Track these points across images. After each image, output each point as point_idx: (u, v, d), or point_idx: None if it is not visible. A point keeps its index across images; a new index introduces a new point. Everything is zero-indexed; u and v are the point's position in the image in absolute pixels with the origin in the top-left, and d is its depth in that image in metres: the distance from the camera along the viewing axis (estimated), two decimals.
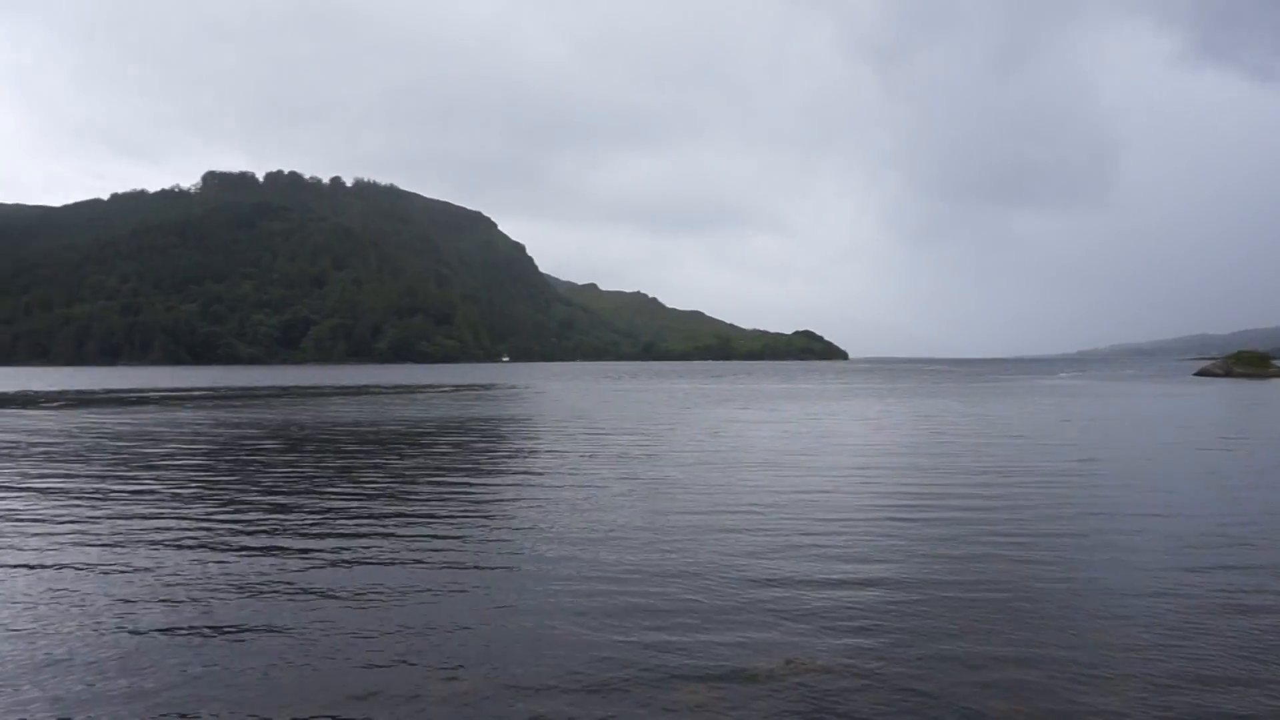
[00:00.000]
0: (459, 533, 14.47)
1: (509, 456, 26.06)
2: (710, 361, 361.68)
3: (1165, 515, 15.93)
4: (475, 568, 12.16)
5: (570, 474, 21.52)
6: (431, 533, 14.47)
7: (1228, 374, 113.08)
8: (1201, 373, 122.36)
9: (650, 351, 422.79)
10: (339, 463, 24.01)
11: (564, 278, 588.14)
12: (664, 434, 32.96)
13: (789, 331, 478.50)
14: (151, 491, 19.03)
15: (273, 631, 9.35)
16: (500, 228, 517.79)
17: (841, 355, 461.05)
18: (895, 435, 33.03)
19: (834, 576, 11.56)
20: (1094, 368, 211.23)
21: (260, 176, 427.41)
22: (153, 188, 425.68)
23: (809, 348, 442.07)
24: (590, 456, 25.29)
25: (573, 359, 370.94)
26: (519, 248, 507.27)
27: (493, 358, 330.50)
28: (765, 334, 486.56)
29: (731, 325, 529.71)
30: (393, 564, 12.33)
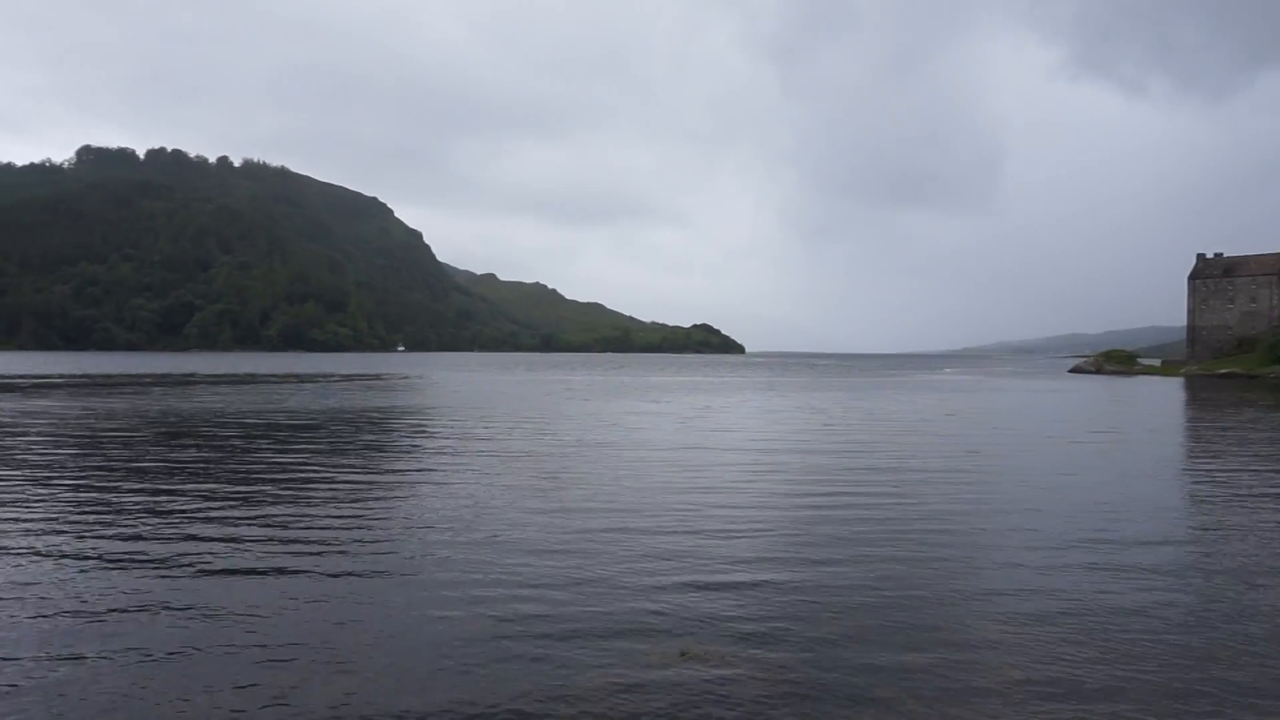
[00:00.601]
0: (344, 529, 13.94)
1: (400, 450, 25.37)
2: (610, 354, 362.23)
3: (1042, 509, 16.55)
4: (362, 565, 11.73)
5: (464, 469, 21.06)
6: (315, 530, 13.91)
7: (1099, 371, 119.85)
8: (1075, 370, 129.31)
9: (549, 343, 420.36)
10: (218, 456, 22.94)
11: (462, 267, 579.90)
12: (561, 427, 32.70)
13: (688, 325, 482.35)
14: (3, 490, 17.81)
15: (135, 649, 8.77)
16: (397, 214, 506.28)
17: (739, 349, 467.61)
18: (789, 428, 33.56)
19: (728, 569, 11.58)
20: (977, 364, 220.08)
21: (141, 153, 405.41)
22: (20, 161, 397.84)
23: (707, 341, 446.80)
24: (485, 450, 24.86)
25: (470, 350, 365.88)
26: (416, 235, 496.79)
27: (387, 347, 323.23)
28: (664, 327, 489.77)
29: (631, 318, 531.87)
30: (271, 565, 11.78)
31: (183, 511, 15.26)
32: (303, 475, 19.51)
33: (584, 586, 10.70)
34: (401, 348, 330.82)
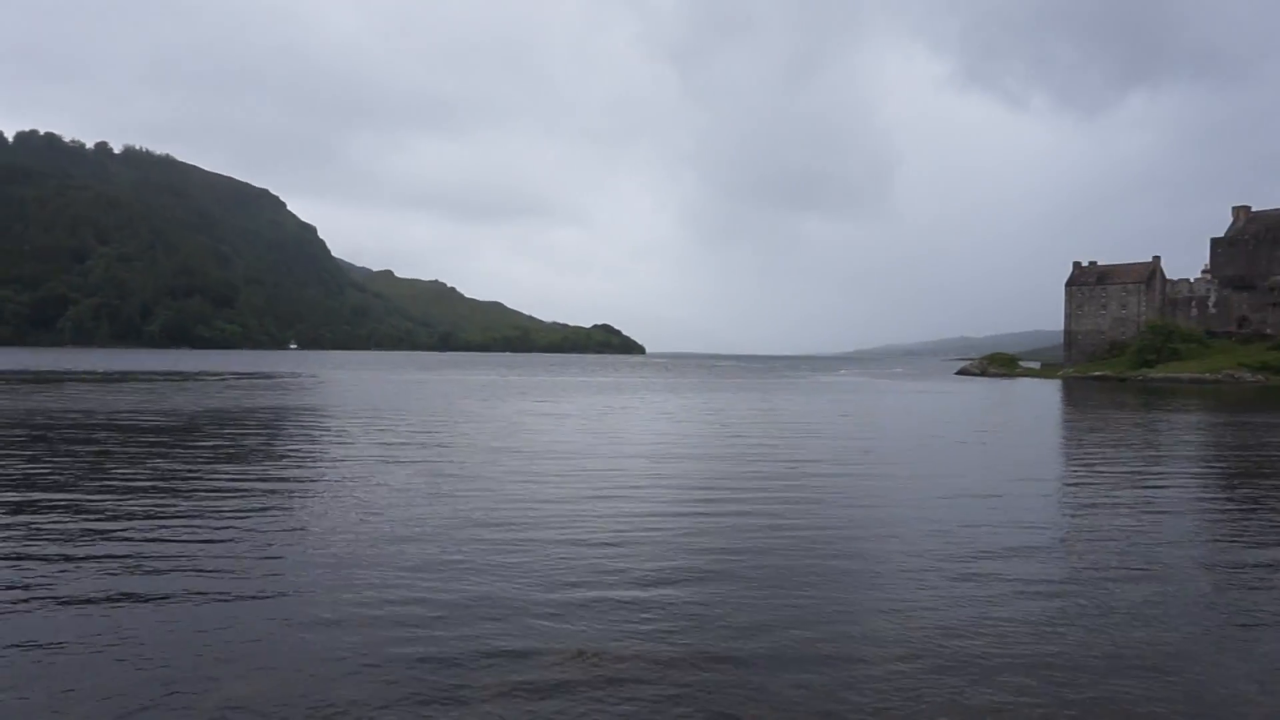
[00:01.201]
0: (221, 541, 13.30)
1: (287, 454, 24.42)
2: (509, 353, 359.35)
3: (930, 511, 17.04)
4: (239, 582, 11.20)
5: (354, 473, 20.41)
6: (190, 544, 13.23)
7: (984, 373, 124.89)
8: (962, 372, 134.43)
9: (448, 342, 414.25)
10: (90, 459, 21.70)
11: (359, 263, 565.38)
12: (457, 429, 32.15)
13: (588, 325, 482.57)
14: None
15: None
16: (290, 207, 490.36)
17: (639, 349, 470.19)
18: (689, 430, 33.79)
19: (625, 574, 11.51)
20: (870, 365, 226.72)
21: (9, 135, 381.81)
22: None
23: (608, 341, 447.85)
24: (376, 454, 24.21)
25: (366, 348, 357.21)
26: (310, 229, 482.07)
27: (279, 345, 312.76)
28: (565, 327, 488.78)
29: (531, 317, 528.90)
30: (138, 585, 11.15)
31: (38, 525, 14.33)
32: (179, 483, 18.59)
33: (478, 593, 10.47)
34: (294, 345, 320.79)
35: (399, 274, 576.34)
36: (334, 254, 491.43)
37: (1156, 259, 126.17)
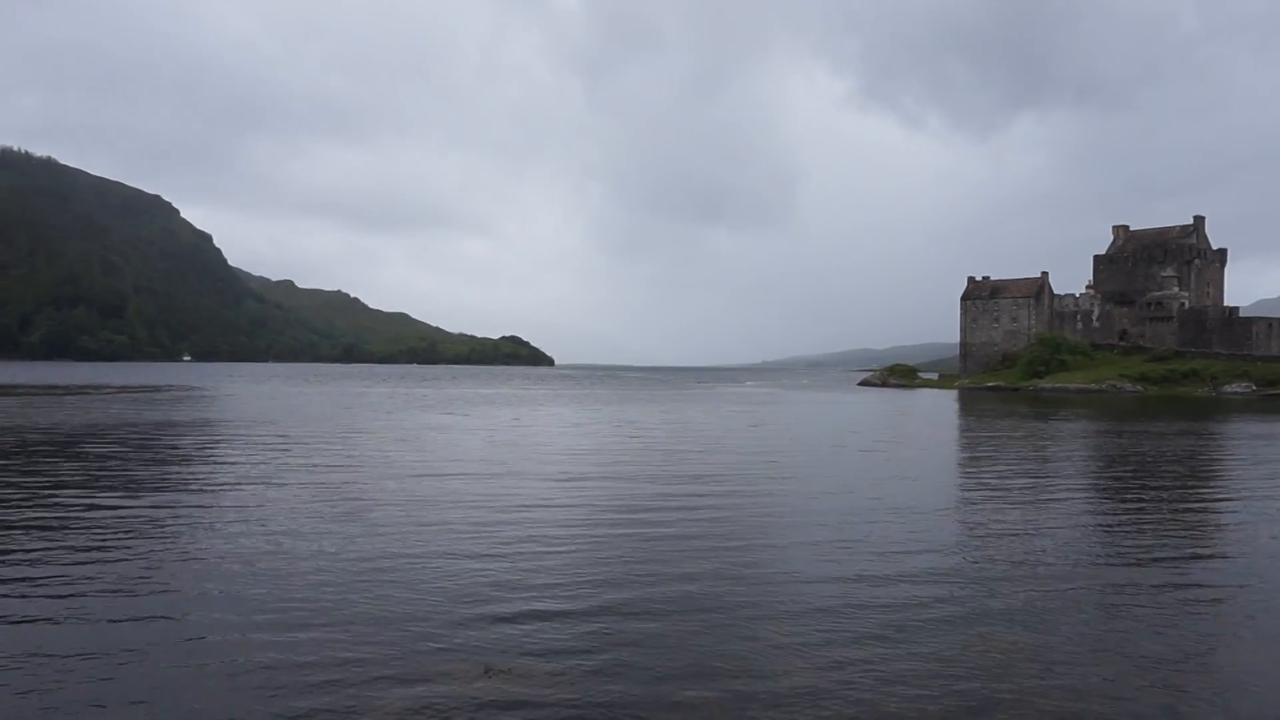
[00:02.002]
0: (105, 565, 12.72)
1: (175, 472, 23.40)
2: (415, 365, 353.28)
3: (835, 519, 17.43)
4: (125, 608, 10.73)
5: (249, 491, 19.68)
6: (69, 569, 12.61)
7: (885, 384, 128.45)
8: (863, 383, 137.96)
9: (351, 353, 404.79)
10: None
11: (256, 272, 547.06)
12: (360, 443, 31.44)
13: (496, 336, 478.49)
14: None
15: None
16: (183, 215, 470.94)
17: (548, 361, 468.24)
18: (598, 441, 33.79)
19: (533, 590, 11.44)
20: (775, 377, 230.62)
21: None
22: None
23: (515, 353, 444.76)
24: (273, 471, 23.49)
25: (265, 360, 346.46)
26: (205, 237, 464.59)
27: (171, 357, 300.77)
28: (472, 338, 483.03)
29: (438, 328, 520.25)
30: (15, 613, 10.59)
31: None
32: (55, 504, 17.69)
33: (383, 612, 10.27)
34: (187, 357, 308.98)
35: (300, 284, 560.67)
36: (231, 263, 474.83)
37: (1045, 274, 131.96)
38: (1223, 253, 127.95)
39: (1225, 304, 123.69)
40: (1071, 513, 18.15)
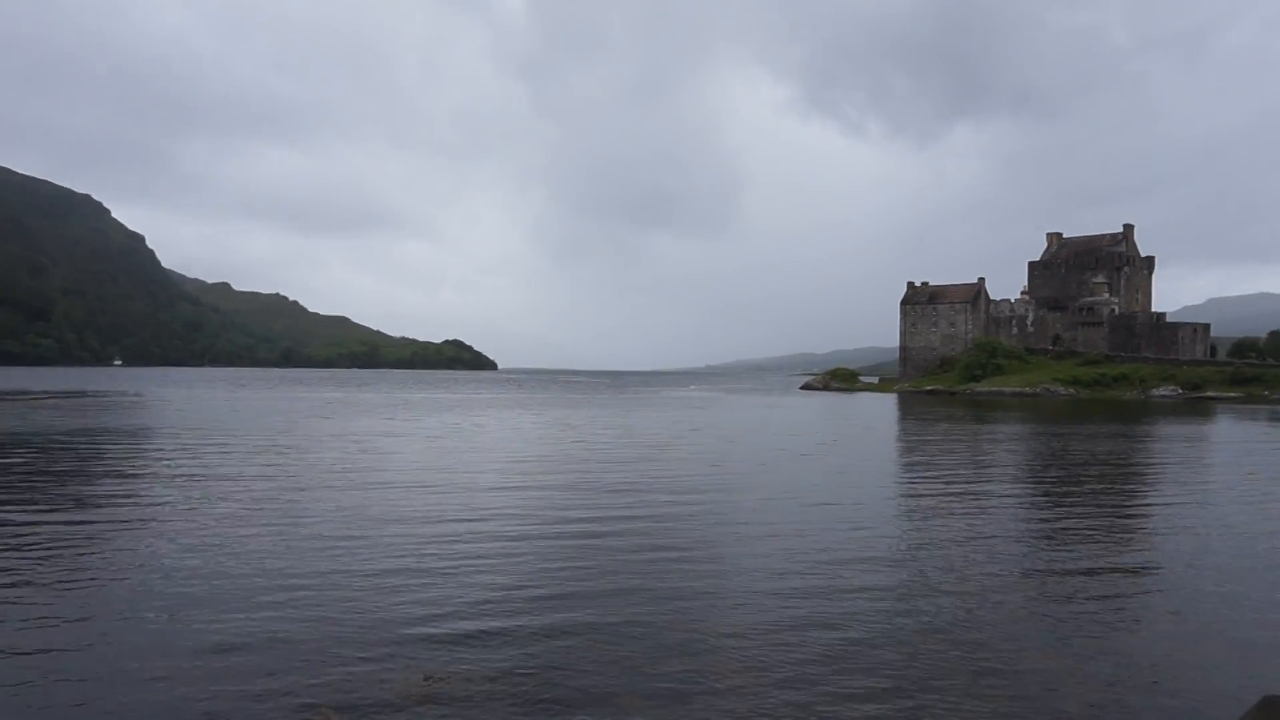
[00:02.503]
0: (26, 583, 12.32)
1: (104, 481, 22.73)
2: (357, 369, 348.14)
3: (776, 524, 17.62)
4: (48, 630, 10.40)
5: (182, 501, 19.22)
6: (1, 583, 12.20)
7: (826, 387, 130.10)
8: (805, 386, 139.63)
9: (291, 358, 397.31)
10: None
11: (191, 274, 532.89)
12: (298, 450, 30.86)
13: (439, 340, 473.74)
14: None
15: None
16: (114, 215, 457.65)
17: (491, 365, 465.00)
18: (541, 447, 33.65)
19: (474, 598, 11.35)
20: (718, 381, 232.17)
21: None
22: None
23: (459, 357, 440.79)
24: (206, 478, 22.96)
25: (200, 364, 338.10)
26: (137, 239, 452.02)
27: (102, 361, 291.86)
28: (414, 342, 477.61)
29: (379, 332, 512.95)
30: None
31: None
32: None
33: (320, 624, 10.11)
34: (119, 361, 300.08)
35: (237, 286, 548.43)
36: (164, 265, 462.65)
37: (981, 280, 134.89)
38: (1150, 260, 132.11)
39: (1153, 310, 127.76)
40: (1007, 514, 18.57)
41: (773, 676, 8.52)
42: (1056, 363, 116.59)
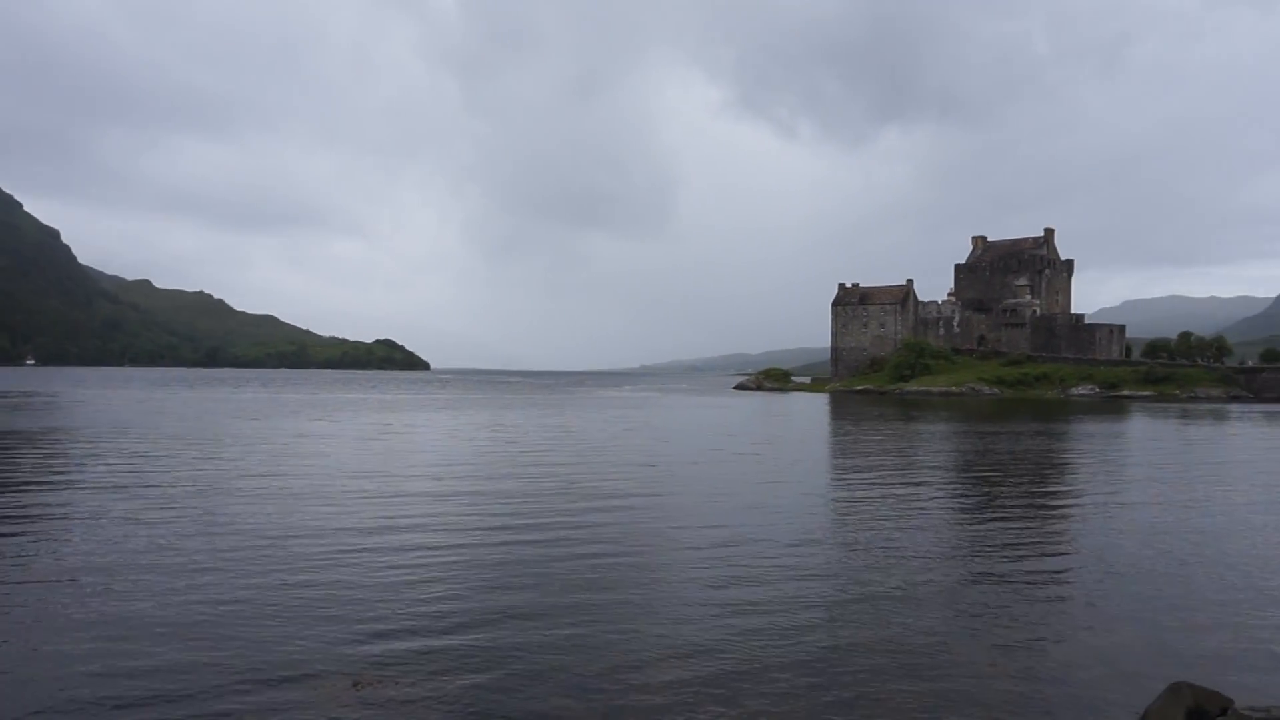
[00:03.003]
0: None
1: (9, 488, 21.99)
2: (284, 369, 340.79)
3: (710, 525, 17.80)
4: None
5: (97, 506, 18.60)
6: None
7: (759, 388, 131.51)
8: (739, 387, 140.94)
9: (215, 357, 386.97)
10: None
11: (110, 271, 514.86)
12: (221, 452, 30.12)
13: (369, 340, 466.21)
14: None
15: None
16: (26, 208, 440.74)
17: (424, 365, 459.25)
18: (475, 448, 33.40)
19: (404, 603, 11.25)
20: (653, 381, 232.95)
21: None
22: None
23: (390, 357, 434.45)
24: (129, 484, 22.28)
25: (120, 364, 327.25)
26: (51, 234, 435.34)
27: (13, 361, 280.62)
28: (344, 342, 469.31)
29: (308, 331, 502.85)
30: None
31: None
32: None
33: (247, 630, 9.92)
34: (31, 361, 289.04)
35: (158, 284, 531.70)
36: (80, 261, 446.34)
37: (910, 282, 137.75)
38: (1070, 263, 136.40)
39: (1072, 311, 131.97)
40: (934, 513, 19.04)
41: (705, 685, 8.60)
42: (982, 363, 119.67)
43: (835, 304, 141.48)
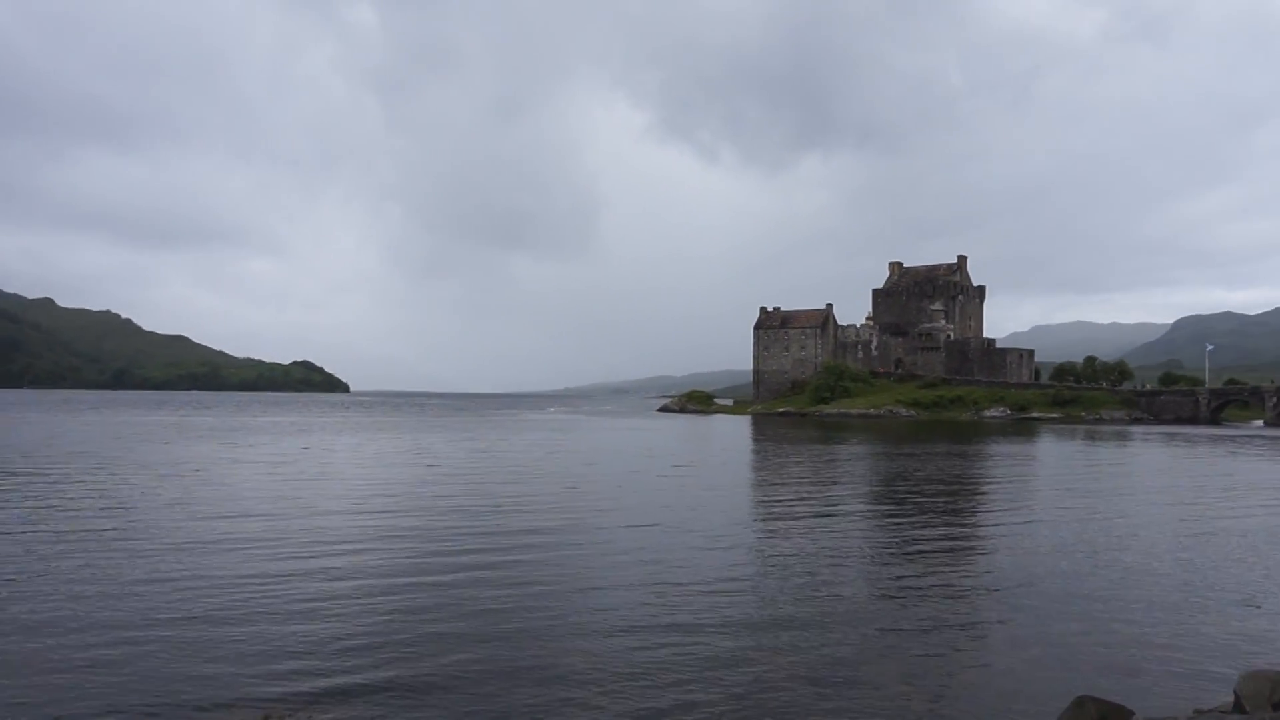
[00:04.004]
0: None
1: None
2: (197, 391, 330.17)
3: (634, 546, 17.79)
4: None
5: None
6: None
7: (682, 410, 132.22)
8: (663, 409, 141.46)
9: (123, 379, 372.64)
10: None
11: (8, 289, 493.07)
12: (126, 480, 28.94)
13: (287, 361, 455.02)
14: None
15: None
16: None
17: (343, 387, 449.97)
18: (395, 473, 32.79)
19: (319, 637, 10.97)
20: (578, 403, 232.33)
21: None
22: None
23: (308, 379, 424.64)
24: (27, 513, 21.27)
25: (19, 386, 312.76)
26: None
27: None
28: (260, 363, 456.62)
29: (222, 353, 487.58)
30: None
31: None
32: None
33: (153, 667, 9.55)
34: None
35: (61, 303, 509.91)
36: None
37: (830, 306, 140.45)
38: (982, 289, 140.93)
39: (984, 335, 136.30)
40: (852, 533, 19.36)
41: (626, 715, 8.57)
42: (899, 385, 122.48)
43: (757, 327, 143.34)
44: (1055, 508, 23.62)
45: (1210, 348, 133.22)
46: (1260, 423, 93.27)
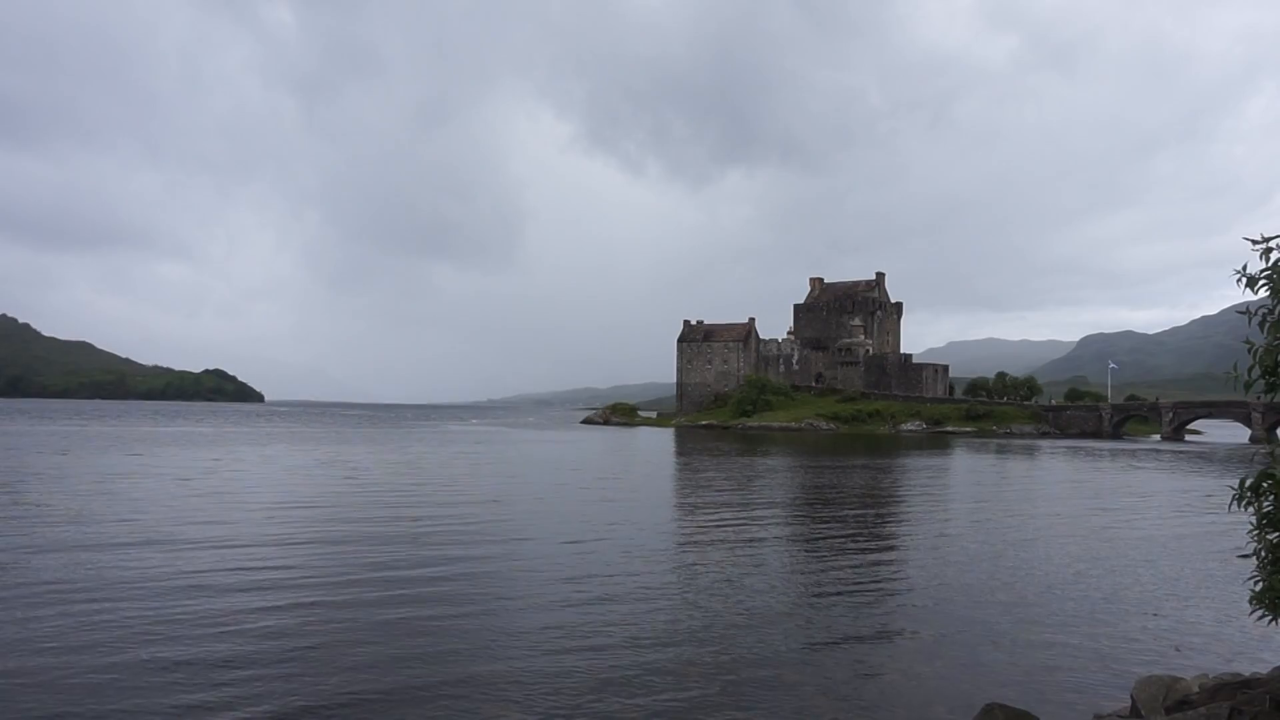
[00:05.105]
0: None
1: None
2: (101, 400, 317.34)
3: (556, 560, 17.71)
4: None
5: None
6: None
7: (606, 422, 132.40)
8: (587, 421, 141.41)
9: (19, 387, 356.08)
10: None
11: None
12: (23, 493, 27.69)
13: (198, 370, 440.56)
14: None
15: None
16: None
17: (257, 397, 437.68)
18: (311, 488, 32.00)
19: (226, 666, 10.64)
20: (500, 415, 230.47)
21: None
22: None
23: (220, 388, 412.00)
24: None
25: None
26: None
27: None
28: (169, 371, 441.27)
29: (128, 360, 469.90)
30: None
31: None
32: None
33: (54, 703, 9.10)
34: None
35: None
36: None
37: (752, 320, 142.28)
38: (899, 305, 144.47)
39: (902, 351, 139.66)
40: (771, 545, 19.61)
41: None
42: (819, 399, 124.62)
43: (681, 340, 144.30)
44: (967, 520, 24.32)
45: (1113, 366, 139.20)
46: (1158, 437, 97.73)
